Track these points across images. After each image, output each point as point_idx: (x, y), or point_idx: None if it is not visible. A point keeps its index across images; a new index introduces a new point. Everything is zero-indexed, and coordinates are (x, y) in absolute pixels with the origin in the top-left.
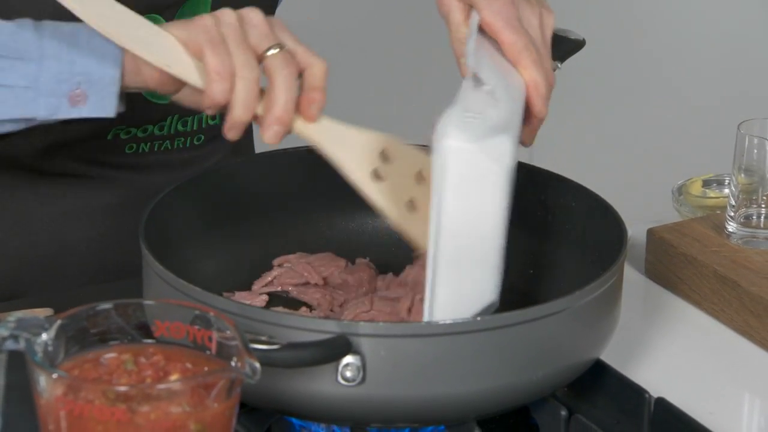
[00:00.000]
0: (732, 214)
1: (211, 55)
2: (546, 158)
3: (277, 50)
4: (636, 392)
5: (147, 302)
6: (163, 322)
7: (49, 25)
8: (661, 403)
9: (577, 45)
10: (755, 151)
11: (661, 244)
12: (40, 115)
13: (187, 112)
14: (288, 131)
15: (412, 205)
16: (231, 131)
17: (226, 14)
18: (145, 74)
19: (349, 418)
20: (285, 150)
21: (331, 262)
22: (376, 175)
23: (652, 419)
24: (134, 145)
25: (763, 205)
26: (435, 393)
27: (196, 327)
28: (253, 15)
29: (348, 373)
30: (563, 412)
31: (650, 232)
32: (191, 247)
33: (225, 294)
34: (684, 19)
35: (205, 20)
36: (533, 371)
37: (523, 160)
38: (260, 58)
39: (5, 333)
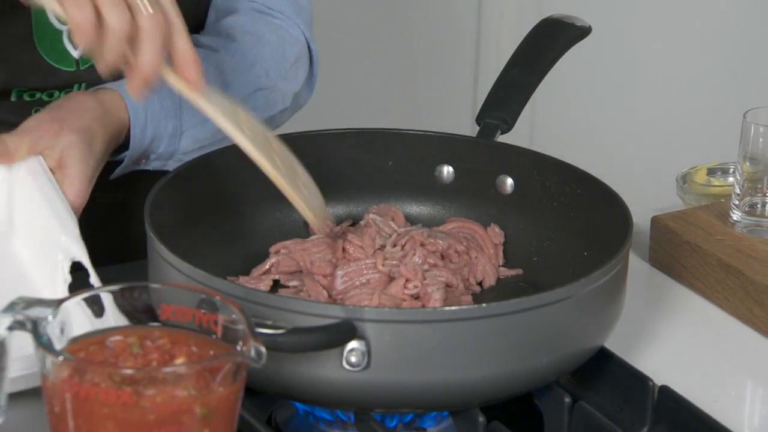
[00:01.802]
0: (737, 202)
1: (72, 10)
2: (551, 145)
3: (148, 8)
4: (640, 380)
5: (153, 285)
6: (169, 305)
7: None
8: (665, 390)
9: (583, 32)
10: (761, 139)
11: (665, 232)
12: None
13: (94, 81)
14: (150, 87)
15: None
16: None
17: None
18: None
19: (354, 403)
20: (290, 134)
21: (328, 247)
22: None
23: (655, 407)
24: (40, 109)
25: (767, 194)
26: (439, 379)
27: (202, 311)
28: None
29: (353, 358)
30: (567, 399)
31: (655, 220)
32: (195, 231)
33: (229, 279)
34: (689, 5)
35: None
36: (537, 358)
37: (528, 147)
38: (132, 11)
39: (12, 316)
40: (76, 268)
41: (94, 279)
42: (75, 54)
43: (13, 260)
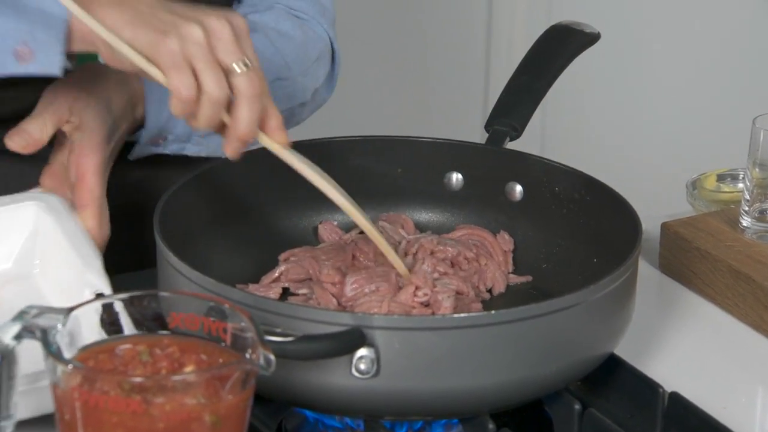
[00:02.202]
0: (746, 208)
1: (174, 79)
2: (560, 152)
3: (244, 68)
4: (650, 386)
5: (162, 293)
6: (178, 313)
7: None
8: (675, 397)
9: (592, 38)
10: None
11: (675, 238)
12: None
13: None
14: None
15: None
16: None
17: (193, 32)
18: (97, 44)
19: (363, 411)
20: (299, 142)
21: (338, 255)
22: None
23: (665, 413)
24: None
25: None
26: (449, 386)
27: (211, 318)
28: (220, 27)
29: (362, 366)
30: (577, 406)
31: (664, 227)
32: (204, 239)
33: (239, 286)
34: (699, 12)
35: (171, 43)
36: (547, 365)
37: (537, 154)
38: (227, 72)
39: (22, 324)
40: None
41: (118, 307)
42: None
43: (41, 301)
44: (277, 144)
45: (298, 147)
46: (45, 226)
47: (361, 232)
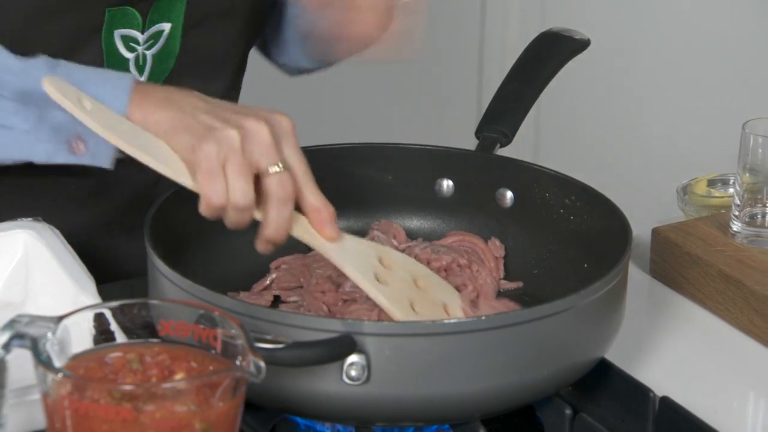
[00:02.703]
0: (737, 213)
1: (205, 187)
2: (551, 158)
3: (277, 170)
4: (640, 391)
5: (152, 302)
6: (168, 321)
7: (62, 68)
8: (666, 401)
9: (581, 45)
10: (760, 150)
11: (665, 243)
12: (37, 159)
13: None
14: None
15: (413, 307)
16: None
17: (230, 136)
18: None
19: (354, 418)
20: None
21: (329, 262)
22: (378, 279)
23: (656, 418)
24: None
25: (767, 205)
26: (440, 392)
27: (201, 326)
28: (259, 129)
29: (353, 372)
30: (568, 411)
31: (655, 232)
32: (195, 247)
33: (230, 294)
34: (688, 18)
35: (208, 148)
36: (538, 370)
37: (527, 160)
38: (261, 174)
39: (11, 332)
40: None
41: (114, 327)
42: (142, 80)
43: None
44: (319, 240)
45: None
46: (35, 253)
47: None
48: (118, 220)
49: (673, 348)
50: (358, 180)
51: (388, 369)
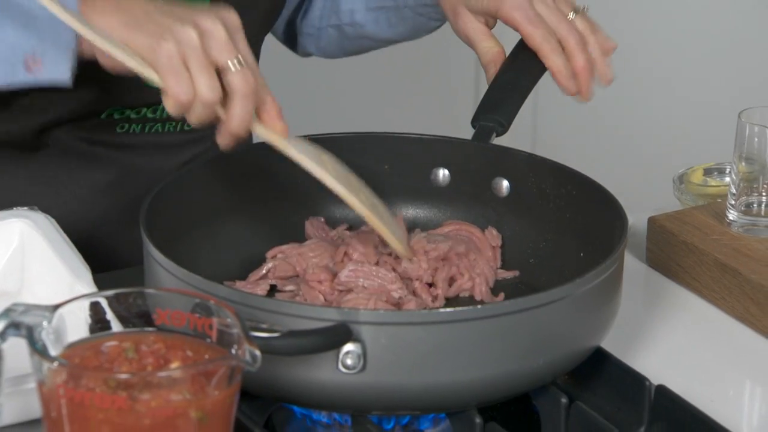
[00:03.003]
0: (733, 202)
1: (171, 83)
2: (547, 147)
3: (238, 66)
4: (636, 380)
5: (148, 291)
6: (164, 310)
7: None
8: (662, 390)
9: None
10: (756, 139)
11: (662, 232)
12: None
13: None
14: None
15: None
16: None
17: (188, 34)
18: (95, 51)
19: (350, 406)
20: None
21: (325, 251)
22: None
23: (652, 406)
24: (126, 125)
25: (763, 194)
26: (436, 381)
27: (197, 315)
28: (214, 27)
29: (348, 361)
30: (564, 400)
31: (651, 221)
32: (192, 236)
33: (226, 283)
34: (685, 8)
35: (167, 47)
36: (534, 359)
37: (524, 149)
38: (221, 70)
39: (7, 321)
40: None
41: (110, 316)
42: None
43: None
44: (274, 135)
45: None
46: (31, 243)
47: (349, 228)
48: (115, 210)
49: (669, 337)
50: (355, 169)
51: (384, 358)
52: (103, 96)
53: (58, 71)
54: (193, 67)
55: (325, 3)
